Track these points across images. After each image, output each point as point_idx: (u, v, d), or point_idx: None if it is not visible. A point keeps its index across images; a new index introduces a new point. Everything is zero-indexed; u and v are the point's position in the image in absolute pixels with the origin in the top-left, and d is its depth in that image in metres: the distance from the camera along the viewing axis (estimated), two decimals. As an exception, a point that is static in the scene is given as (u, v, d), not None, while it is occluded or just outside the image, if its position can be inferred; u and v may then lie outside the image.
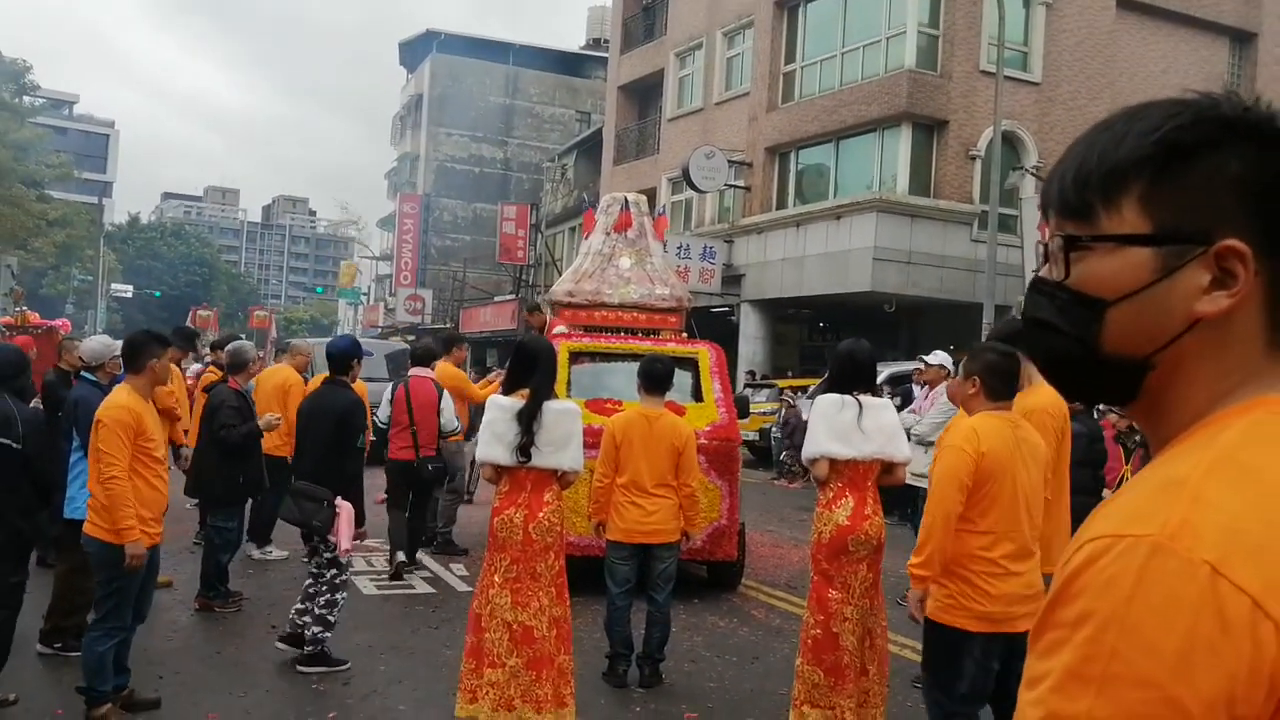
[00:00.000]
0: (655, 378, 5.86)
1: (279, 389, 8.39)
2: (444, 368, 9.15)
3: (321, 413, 5.94)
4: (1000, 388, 4.00)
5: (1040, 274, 0.98)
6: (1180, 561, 0.76)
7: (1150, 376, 0.91)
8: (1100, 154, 0.91)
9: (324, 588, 5.79)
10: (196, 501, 8.27)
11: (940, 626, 3.96)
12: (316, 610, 5.75)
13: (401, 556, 8.09)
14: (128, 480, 4.68)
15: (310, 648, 5.71)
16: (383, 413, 8.41)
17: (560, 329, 8.63)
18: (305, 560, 6.29)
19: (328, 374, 6.30)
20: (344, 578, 5.87)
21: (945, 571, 3.93)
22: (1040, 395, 4.51)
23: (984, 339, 14.59)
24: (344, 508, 5.69)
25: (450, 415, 8.42)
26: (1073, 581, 0.80)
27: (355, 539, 5.83)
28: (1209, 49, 22.47)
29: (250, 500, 7.64)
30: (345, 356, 6.13)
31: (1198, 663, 0.74)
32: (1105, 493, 7.61)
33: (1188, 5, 21.91)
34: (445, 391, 8.55)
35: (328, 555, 5.81)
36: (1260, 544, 0.75)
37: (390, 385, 8.75)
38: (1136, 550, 0.77)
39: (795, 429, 16.73)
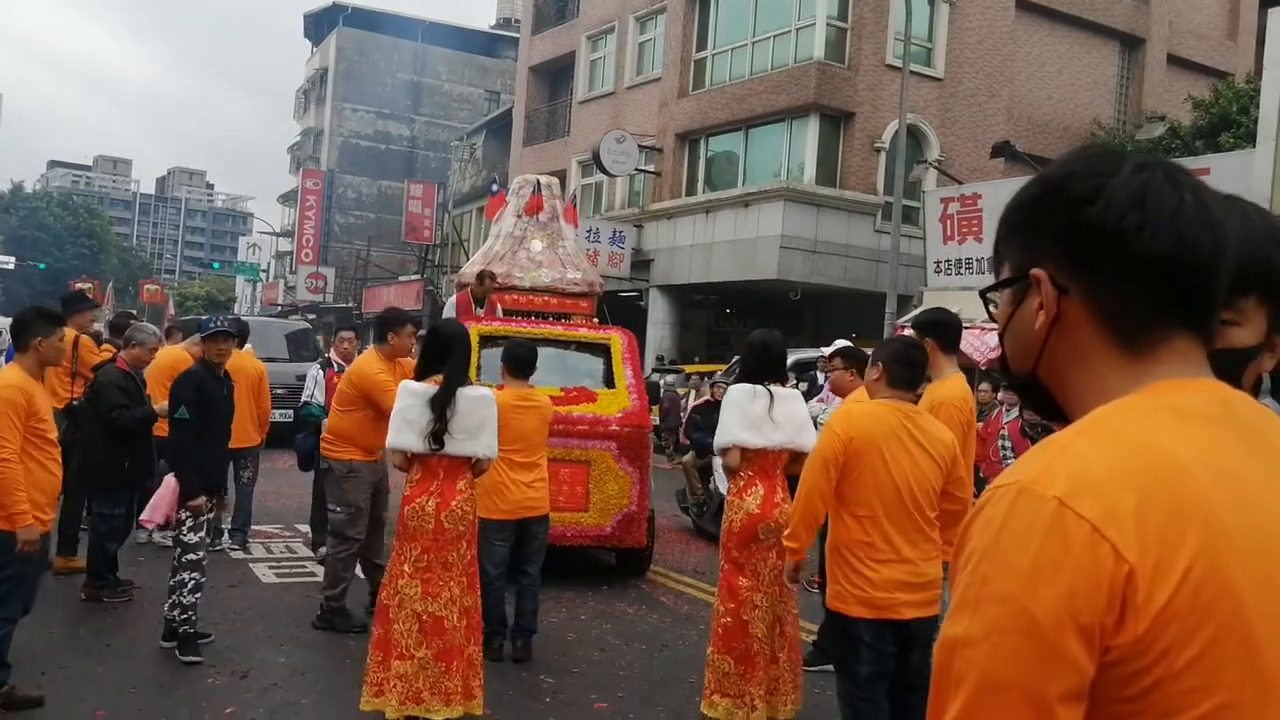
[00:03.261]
0: (521, 361, 5.97)
1: (167, 370, 7.97)
2: (366, 361, 6.62)
3: None
4: (904, 375, 4.12)
5: None
6: (1036, 498, 0.93)
7: (1053, 392, 1.12)
8: (999, 223, 1.18)
9: (178, 571, 5.62)
10: None
11: (834, 614, 4.12)
12: (177, 599, 5.59)
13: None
14: (19, 463, 4.45)
15: (184, 629, 5.55)
16: (318, 396, 8.01)
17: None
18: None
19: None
20: (190, 557, 5.63)
21: (831, 561, 4.07)
22: (948, 388, 4.62)
23: (900, 323, 14.89)
24: (168, 481, 5.67)
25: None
26: (965, 530, 0.99)
27: (186, 516, 5.65)
28: (1101, 51, 23.24)
29: (141, 486, 7.33)
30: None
31: (1043, 578, 0.90)
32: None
33: (1082, 9, 22.60)
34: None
35: (182, 538, 5.66)
36: (1104, 484, 0.92)
37: (318, 365, 8.41)
38: (1008, 495, 0.95)
39: (670, 411, 16.89)
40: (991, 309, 1.18)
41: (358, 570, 6.57)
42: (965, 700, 0.92)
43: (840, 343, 8.72)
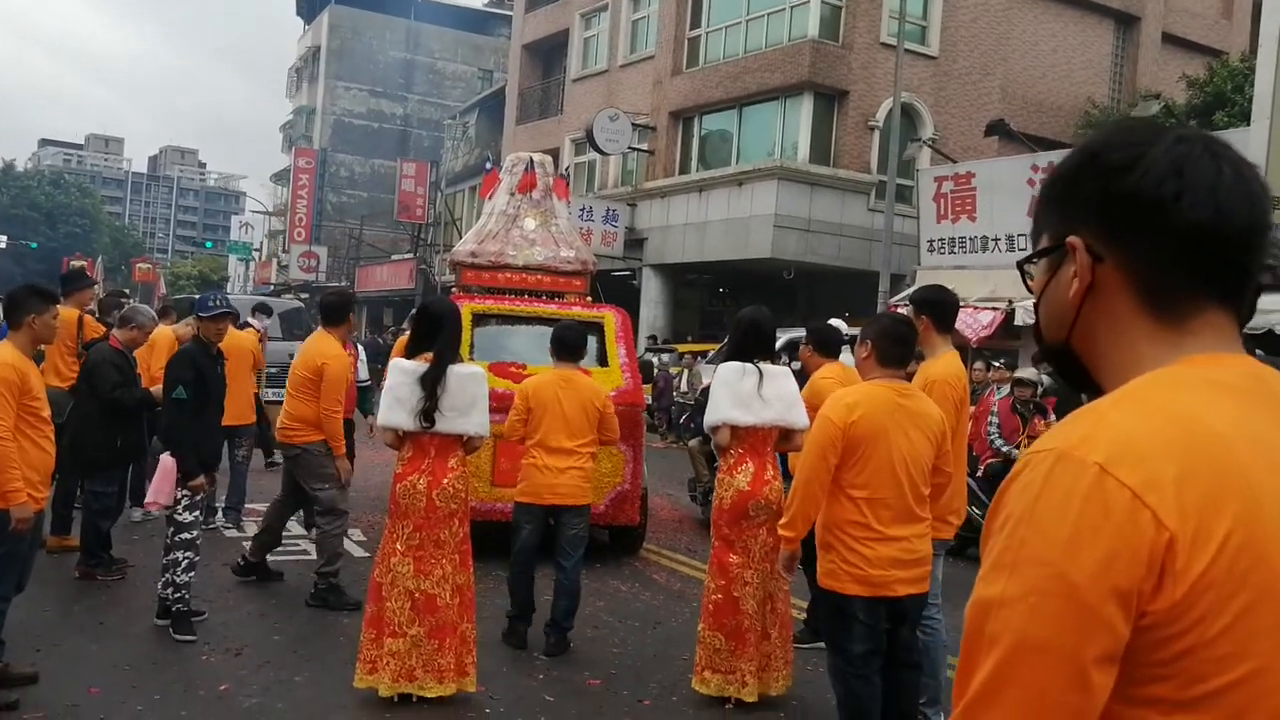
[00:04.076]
0: (568, 344, 5.81)
1: (149, 348, 7.91)
2: (328, 344, 6.48)
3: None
4: (893, 352, 4.09)
5: None
6: (1077, 464, 0.94)
7: (1085, 361, 1.13)
8: (1038, 195, 1.19)
9: (171, 550, 5.64)
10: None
11: (826, 593, 4.11)
12: (171, 577, 5.61)
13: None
14: (13, 441, 4.44)
15: (177, 607, 5.57)
16: None
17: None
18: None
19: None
20: (184, 535, 5.64)
21: (824, 540, 4.06)
22: (942, 366, 4.62)
23: (893, 301, 14.91)
24: (164, 461, 5.59)
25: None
26: (1001, 495, 1.00)
27: (183, 495, 5.65)
28: (1096, 30, 23.16)
29: (132, 464, 7.34)
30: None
31: (1084, 543, 0.91)
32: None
33: (1077, -13, 22.52)
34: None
35: (177, 516, 5.67)
36: (1144, 452, 0.94)
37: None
38: (1047, 460, 0.96)
39: (664, 391, 16.97)
40: (1028, 280, 1.19)
41: (349, 546, 6.59)
42: (999, 659, 0.93)
43: (835, 321, 8.79)
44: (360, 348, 8.67)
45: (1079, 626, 0.91)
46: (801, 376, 6.02)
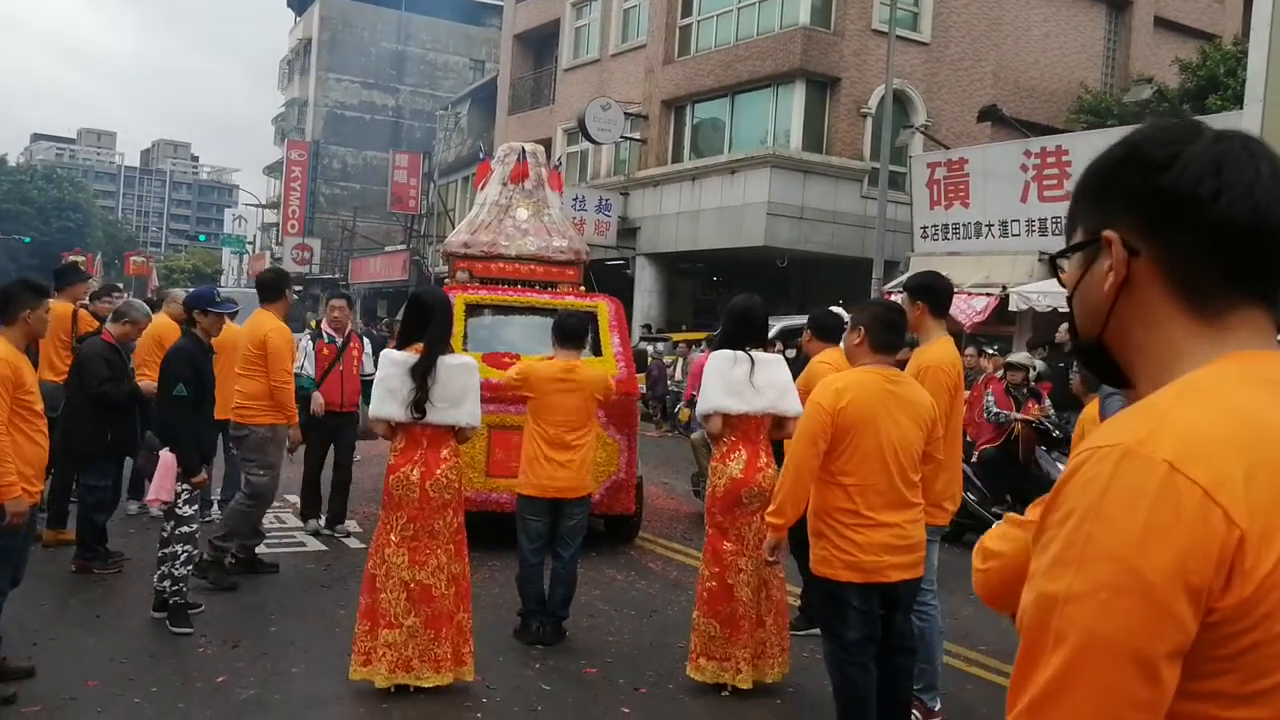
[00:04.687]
0: (569, 332, 5.79)
1: (153, 340, 7.95)
2: (271, 320, 6.81)
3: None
4: (886, 339, 4.10)
5: None
6: (1145, 461, 0.94)
7: (1117, 356, 1.14)
8: (1075, 188, 1.19)
9: (169, 543, 5.64)
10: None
11: (821, 580, 4.11)
12: (169, 570, 5.62)
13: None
14: (7, 435, 4.45)
15: (174, 600, 5.58)
16: (307, 367, 7.85)
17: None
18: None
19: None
20: (184, 529, 5.65)
21: (816, 528, 4.07)
22: (936, 352, 4.61)
23: (888, 288, 14.92)
24: (164, 458, 5.59)
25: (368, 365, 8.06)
26: (1060, 490, 1.00)
27: (183, 490, 5.65)
28: (1088, 14, 23.10)
29: (127, 457, 7.34)
30: (186, 307, 6.06)
31: (1156, 540, 0.91)
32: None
33: (1070, -29, 22.47)
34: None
35: (178, 510, 5.68)
36: (1212, 450, 0.94)
37: (307, 336, 8.21)
38: (1111, 456, 0.96)
39: (657, 380, 17.01)
40: (1060, 274, 1.20)
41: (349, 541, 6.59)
42: (1068, 656, 0.93)
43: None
44: (366, 340, 8.67)
45: (1152, 624, 0.91)
46: (798, 364, 6.04)
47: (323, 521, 7.99)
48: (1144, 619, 0.91)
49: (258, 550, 6.94)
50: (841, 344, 5.94)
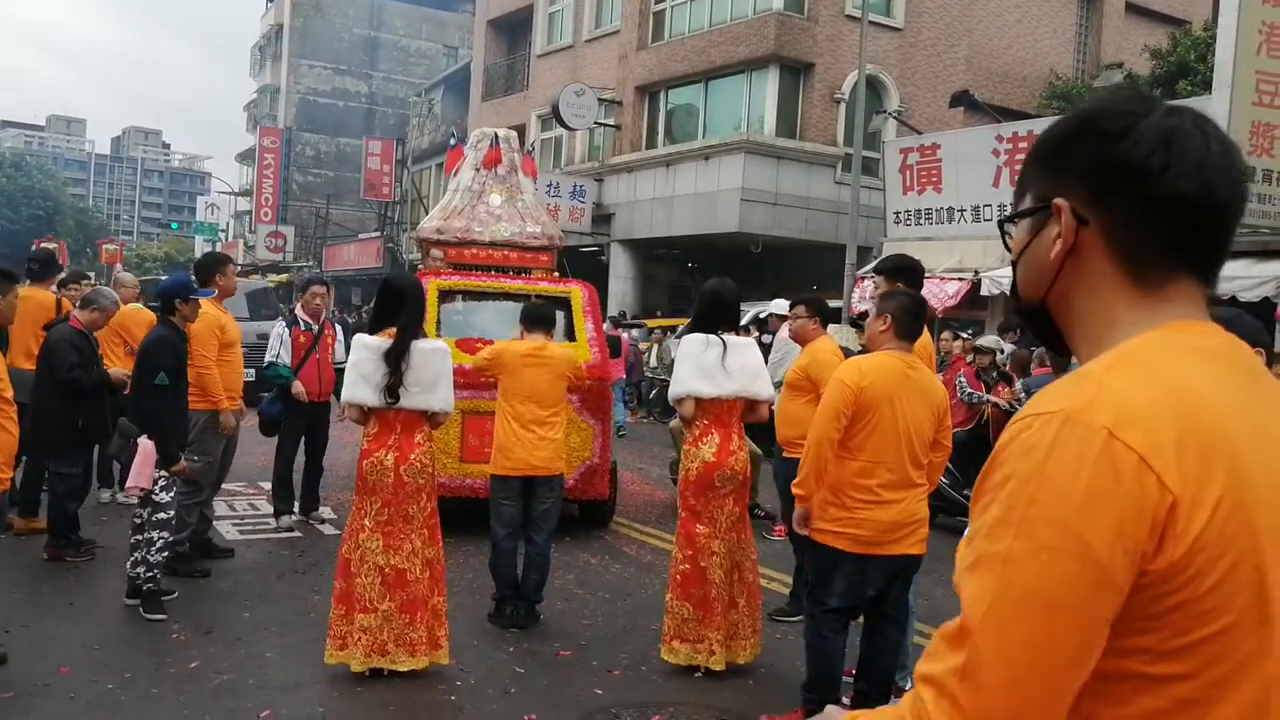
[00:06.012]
0: (536, 316, 5.83)
1: (110, 327, 7.82)
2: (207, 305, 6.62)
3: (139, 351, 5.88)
4: (910, 326, 4.24)
5: None
6: (1085, 427, 0.97)
7: (1059, 320, 1.17)
8: (1026, 156, 1.21)
9: (144, 529, 5.62)
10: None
11: (819, 544, 4.23)
12: (144, 556, 5.60)
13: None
14: None
15: (148, 586, 5.57)
16: (283, 355, 7.75)
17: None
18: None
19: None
20: (161, 515, 5.63)
21: (824, 498, 4.18)
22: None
23: (861, 273, 14.98)
24: (143, 445, 5.55)
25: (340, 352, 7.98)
26: (999, 454, 1.03)
27: (160, 477, 5.63)
28: (1060, 1, 23.22)
29: (96, 445, 7.29)
30: (164, 296, 5.93)
31: (1097, 504, 0.95)
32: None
33: (1041, -43, 22.56)
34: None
35: (154, 497, 5.65)
36: (1146, 416, 0.97)
37: (283, 323, 8.04)
38: (1052, 422, 0.99)
39: (633, 366, 17.06)
40: (1007, 239, 1.22)
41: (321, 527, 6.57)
42: (1006, 615, 0.96)
43: (779, 301, 9.13)
44: (339, 328, 8.58)
45: (1095, 587, 0.94)
46: (767, 349, 6.09)
47: (294, 518, 7.90)
48: (1089, 583, 0.94)
49: (209, 535, 6.92)
50: (835, 330, 6.22)
